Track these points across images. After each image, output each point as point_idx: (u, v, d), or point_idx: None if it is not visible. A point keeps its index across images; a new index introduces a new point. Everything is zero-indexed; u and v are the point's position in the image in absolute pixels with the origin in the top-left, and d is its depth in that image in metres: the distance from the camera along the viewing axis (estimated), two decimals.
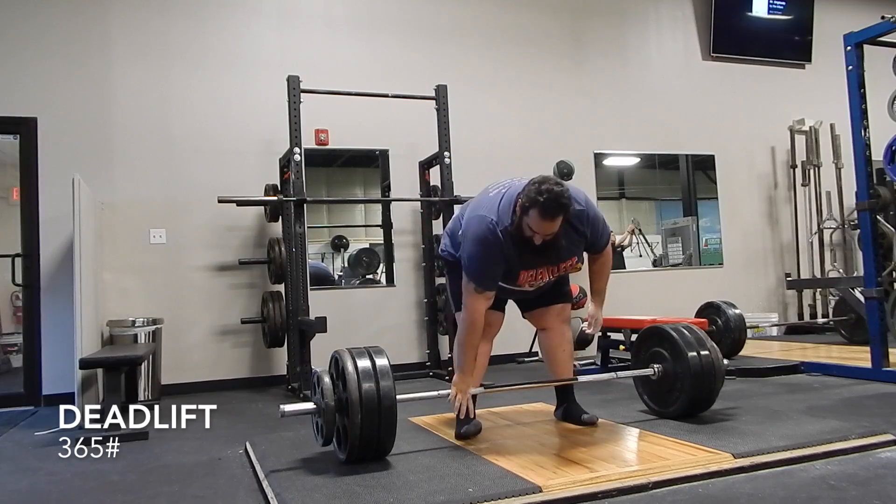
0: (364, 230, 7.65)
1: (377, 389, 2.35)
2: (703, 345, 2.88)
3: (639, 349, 3.13)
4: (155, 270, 4.86)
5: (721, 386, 2.92)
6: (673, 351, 2.91)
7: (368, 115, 5.31)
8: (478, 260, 2.60)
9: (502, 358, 5.35)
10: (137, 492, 2.41)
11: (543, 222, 2.45)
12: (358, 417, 2.32)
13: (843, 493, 2.01)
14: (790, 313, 6.91)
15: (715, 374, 2.85)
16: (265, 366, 5.04)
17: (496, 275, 2.62)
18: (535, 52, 6.07)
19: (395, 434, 2.42)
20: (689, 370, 2.83)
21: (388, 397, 2.35)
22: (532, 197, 2.43)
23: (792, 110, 6.88)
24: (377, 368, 2.39)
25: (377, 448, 2.41)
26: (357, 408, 2.32)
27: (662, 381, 2.96)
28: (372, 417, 2.33)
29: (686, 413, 2.91)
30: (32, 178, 4.64)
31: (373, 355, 2.44)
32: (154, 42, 5.00)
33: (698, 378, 2.83)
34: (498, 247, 2.56)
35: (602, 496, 2.07)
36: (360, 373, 2.37)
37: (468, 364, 2.69)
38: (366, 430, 2.33)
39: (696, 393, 2.85)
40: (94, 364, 3.51)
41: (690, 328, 2.98)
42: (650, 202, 7.94)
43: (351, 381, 2.35)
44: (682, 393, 2.88)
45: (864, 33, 3.93)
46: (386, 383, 2.36)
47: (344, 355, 2.44)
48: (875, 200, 3.98)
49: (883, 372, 3.85)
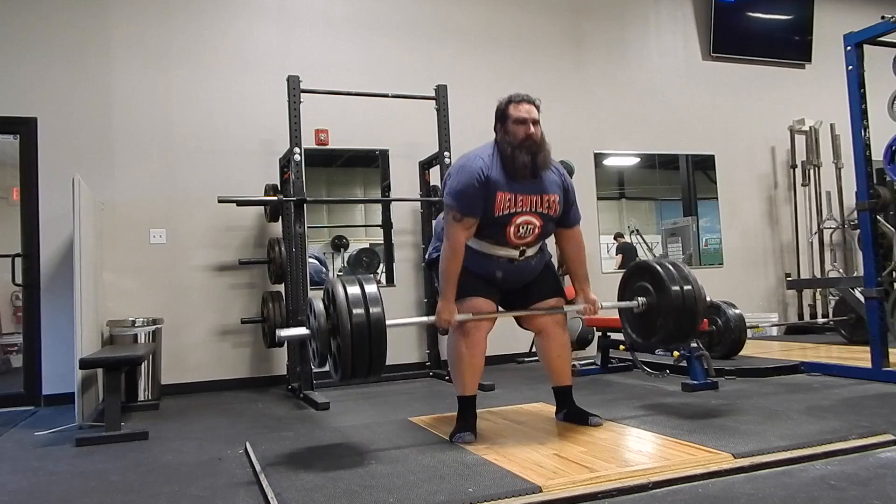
0: (364, 230, 7.67)
1: (367, 314, 2.43)
2: (686, 280, 2.93)
3: (626, 284, 3.17)
4: (155, 270, 4.86)
5: (702, 320, 2.99)
6: (657, 285, 2.96)
7: (368, 115, 5.31)
8: (458, 185, 2.71)
9: (502, 358, 5.36)
10: (137, 492, 2.41)
11: (521, 105, 2.76)
12: (349, 340, 2.41)
13: (843, 493, 2.01)
14: (790, 313, 6.92)
15: (696, 307, 2.91)
16: (265, 366, 5.04)
17: (475, 203, 2.67)
18: (535, 52, 6.07)
19: (385, 356, 2.49)
20: (671, 303, 2.89)
21: (377, 321, 2.44)
22: (503, 101, 2.82)
23: (792, 110, 6.88)
24: (367, 294, 2.48)
25: (369, 369, 2.49)
26: (348, 331, 2.41)
27: (646, 313, 3.01)
28: (363, 340, 2.41)
29: (666, 343, 3.01)
30: (32, 178, 4.65)
31: (363, 283, 2.52)
32: (154, 42, 5.00)
33: (680, 311, 2.89)
34: (478, 172, 2.68)
35: (602, 496, 2.07)
36: (351, 299, 2.45)
37: (450, 291, 2.74)
38: (357, 352, 2.42)
39: (678, 326, 2.91)
40: (94, 364, 3.51)
41: (676, 265, 3.02)
42: (650, 202, 7.96)
43: (341, 306, 2.43)
44: (664, 325, 2.93)
45: (864, 33, 3.93)
46: (375, 309, 2.45)
47: (336, 283, 2.52)
48: (875, 200, 3.98)
49: (883, 372, 3.85)
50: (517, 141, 2.71)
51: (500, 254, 2.80)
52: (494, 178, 2.69)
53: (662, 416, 3.10)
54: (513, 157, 2.70)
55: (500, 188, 2.70)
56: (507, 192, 2.70)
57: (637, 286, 3.07)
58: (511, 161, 2.70)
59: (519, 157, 2.69)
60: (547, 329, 2.93)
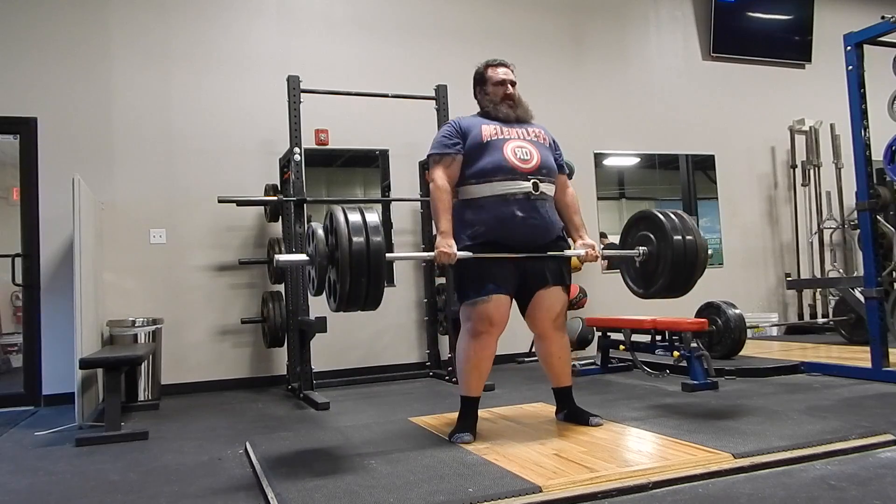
0: None
1: (367, 243, 2.38)
2: (688, 230, 2.93)
3: (627, 233, 3.16)
4: (155, 270, 4.86)
5: (702, 271, 2.97)
6: (658, 234, 2.96)
7: (368, 115, 5.31)
8: (435, 138, 2.92)
9: (502, 358, 5.33)
10: (137, 492, 2.41)
11: (498, 68, 2.96)
12: (347, 268, 2.35)
13: (843, 493, 2.01)
14: (790, 313, 6.92)
15: (697, 257, 2.90)
16: (265, 366, 5.04)
17: (450, 143, 2.84)
18: (535, 52, 6.07)
19: (383, 287, 2.44)
20: (671, 252, 2.89)
21: (376, 251, 2.38)
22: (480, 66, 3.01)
23: (792, 110, 6.88)
24: (367, 223, 2.42)
25: (365, 300, 2.43)
26: (347, 259, 2.35)
27: (646, 262, 3.01)
28: (361, 270, 2.36)
29: (665, 292, 2.98)
30: (32, 178, 4.65)
31: (364, 212, 2.48)
32: (154, 42, 5.00)
33: (681, 261, 2.89)
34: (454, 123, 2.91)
35: (602, 496, 2.07)
36: (351, 227, 2.40)
37: (444, 223, 2.75)
38: (354, 282, 2.36)
39: (677, 275, 2.92)
40: (94, 364, 3.51)
41: (680, 215, 3.01)
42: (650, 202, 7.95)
43: (342, 234, 2.38)
44: (663, 273, 2.93)
45: (864, 33, 3.93)
46: (376, 238, 2.40)
47: (337, 210, 2.48)
48: (875, 200, 3.98)
49: (883, 372, 3.85)
50: (498, 99, 2.94)
51: (513, 189, 2.75)
52: (473, 122, 2.90)
53: (662, 416, 3.11)
54: (495, 110, 2.93)
55: (483, 124, 2.88)
56: (492, 125, 2.88)
57: (639, 235, 3.07)
58: (494, 112, 2.93)
59: (501, 109, 2.93)
60: (547, 333, 2.93)
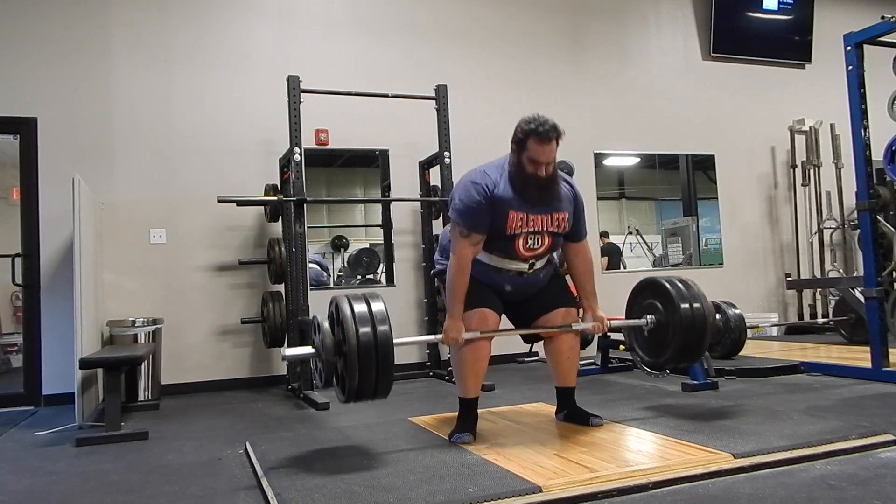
0: (364, 230, 7.66)
1: (374, 333, 2.37)
2: (696, 298, 2.91)
3: (633, 301, 3.15)
4: (155, 270, 4.86)
5: (710, 339, 2.97)
6: (666, 303, 2.94)
7: (368, 115, 5.31)
8: (464, 203, 2.69)
9: (503, 358, 5.35)
10: (137, 492, 2.40)
11: (542, 146, 2.61)
12: (355, 360, 2.34)
13: (843, 493, 2.01)
14: (790, 313, 6.91)
15: (706, 325, 2.89)
16: (265, 366, 5.04)
17: (481, 220, 2.67)
18: (535, 52, 6.07)
19: (392, 376, 2.43)
20: (680, 322, 2.87)
21: (384, 341, 2.38)
22: (526, 129, 2.63)
23: (792, 110, 6.88)
24: (373, 313, 2.42)
25: (375, 391, 2.43)
26: (354, 351, 2.34)
27: (655, 331, 2.99)
28: (369, 360, 2.35)
29: (676, 361, 2.97)
30: (32, 178, 4.65)
31: (369, 300, 2.46)
32: (154, 42, 5.00)
33: (690, 330, 2.87)
34: (483, 189, 2.66)
35: (602, 496, 2.07)
36: (357, 317, 2.39)
37: (456, 308, 2.72)
38: (363, 373, 2.36)
39: (687, 343, 2.90)
40: (94, 364, 3.51)
41: (685, 282, 3.00)
42: (650, 202, 7.95)
43: (348, 325, 2.37)
44: (673, 343, 2.91)
45: (864, 33, 3.93)
46: (382, 328, 2.39)
47: (342, 300, 2.47)
48: (875, 200, 3.98)
49: (883, 372, 3.85)
50: (527, 176, 2.68)
51: (510, 267, 2.80)
52: (504, 196, 2.68)
53: (662, 416, 3.10)
54: (524, 187, 2.68)
55: (511, 207, 2.68)
56: (520, 212, 2.70)
57: (646, 304, 3.05)
58: (521, 188, 2.69)
59: (529, 189, 2.69)
60: (556, 333, 2.92)
